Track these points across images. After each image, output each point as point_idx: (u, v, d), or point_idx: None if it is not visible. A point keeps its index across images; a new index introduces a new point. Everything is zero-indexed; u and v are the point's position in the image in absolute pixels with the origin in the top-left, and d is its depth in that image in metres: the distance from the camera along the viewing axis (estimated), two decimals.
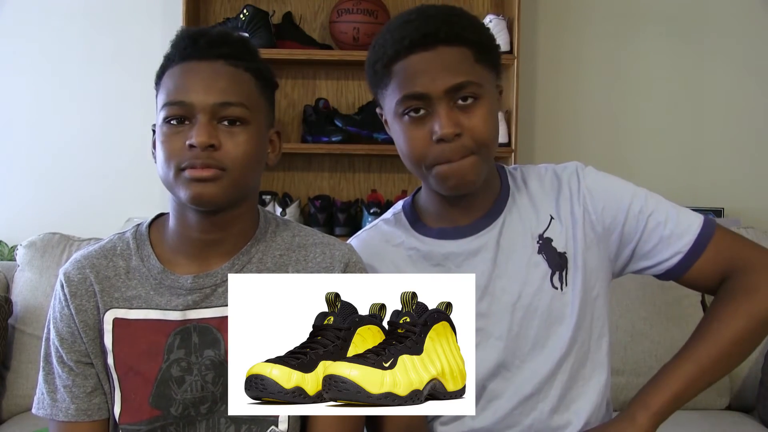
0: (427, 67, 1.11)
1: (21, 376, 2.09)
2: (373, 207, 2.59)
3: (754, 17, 2.86)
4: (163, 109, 1.06)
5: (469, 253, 1.20)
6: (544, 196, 1.24)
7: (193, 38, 1.08)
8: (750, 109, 2.88)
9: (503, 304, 1.19)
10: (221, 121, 1.05)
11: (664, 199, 1.25)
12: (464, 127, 1.11)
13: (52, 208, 2.70)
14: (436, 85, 1.10)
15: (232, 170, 1.04)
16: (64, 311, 1.11)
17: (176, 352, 1.09)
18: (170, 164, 1.04)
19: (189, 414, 1.09)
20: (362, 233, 1.31)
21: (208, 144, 1.02)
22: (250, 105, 1.07)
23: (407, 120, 1.14)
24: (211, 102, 1.04)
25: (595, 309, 1.21)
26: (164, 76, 1.09)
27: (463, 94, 1.11)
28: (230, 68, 1.07)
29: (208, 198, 1.04)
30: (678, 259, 1.19)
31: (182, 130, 1.04)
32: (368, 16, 2.57)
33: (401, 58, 1.12)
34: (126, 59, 2.69)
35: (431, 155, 1.13)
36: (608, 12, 2.83)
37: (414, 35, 1.11)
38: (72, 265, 1.13)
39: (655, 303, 2.21)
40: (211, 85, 1.05)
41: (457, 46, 1.12)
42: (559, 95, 2.84)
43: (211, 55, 1.07)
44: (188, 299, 1.09)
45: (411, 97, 1.12)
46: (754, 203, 2.87)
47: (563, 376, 1.19)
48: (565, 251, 1.20)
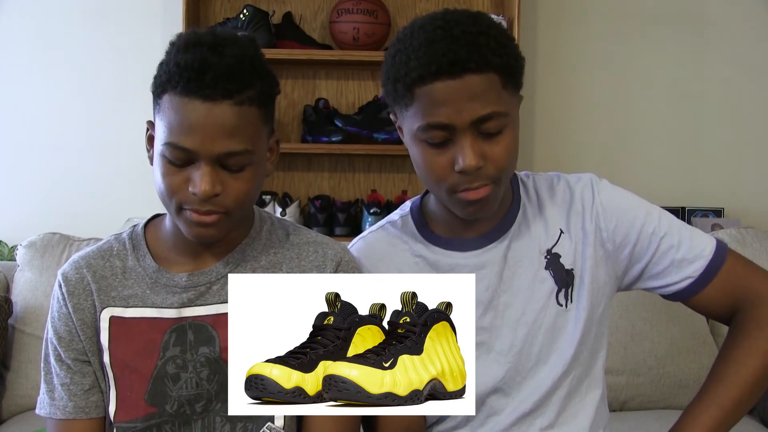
0: (453, 97, 1.05)
1: (21, 376, 2.09)
2: (373, 207, 2.59)
3: (754, 17, 2.86)
4: (163, 146, 1.02)
5: (475, 266, 1.18)
6: (555, 208, 1.21)
7: (198, 71, 1.00)
8: (750, 110, 2.88)
9: (506, 319, 1.17)
10: (224, 167, 1.02)
11: (677, 219, 1.21)
12: (487, 157, 1.07)
13: (52, 208, 2.70)
14: (462, 117, 1.05)
15: (234, 211, 1.05)
16: (62, 310, 1.13)
17: (172, 349, 1.10)
18: (171, 200, 1.04)
19: (184, 412, 1.10)
20: (368, 234, 1.28)
21: (211, 194, 1.01)
22: (254, 145, 1.04)
23: (428, 146, 1.09)
24: (216, 152, 1.00)
25: (599, 326, 1.20)
26: (164, 99, 1.02)
27: (489, 127, 1.07)
28: (236, 109, 1.01)
29: (209, 238, 1.06)
30: (688, 283, 1.17)
31: (184, 170, 1.02)
32: (368, 16, 2.57)
33: (426, 83, 1.05)
34: (126, 59, 2.69)
35: (451, 182, 1.08)
36: (608, 12, 2.83)
37: (441, 61, 1.04)
38: (70, 266, 1.15)
39: (655, 303, 2.21)
40: (216, 133, 1.00)
41: (485, 73, 1.05)
42: (558, 95, 2.84)
43: (216, 96, 1.00)
44: (183, 297, 1.10)
45: (435, 126, 1.06)
46: (754, 203, 2.87)
47: (561, 392, 1.18)
48: (572, 268, 1.18)
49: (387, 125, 2.61)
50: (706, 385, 1.14)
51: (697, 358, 2.17)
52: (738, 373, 1.12)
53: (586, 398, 1.20)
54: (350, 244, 1.28)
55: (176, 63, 1.01)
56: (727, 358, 1.15)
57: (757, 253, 2.24)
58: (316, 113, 2.64)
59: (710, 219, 2.78)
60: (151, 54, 2.69)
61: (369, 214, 2.57)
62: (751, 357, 1.12)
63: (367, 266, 1.22)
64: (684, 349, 2.18)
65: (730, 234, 2.32)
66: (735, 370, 1.12)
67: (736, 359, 1.13)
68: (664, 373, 2.15)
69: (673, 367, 2.16)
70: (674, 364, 2.16)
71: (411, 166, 1.18)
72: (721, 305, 1.18)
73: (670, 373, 2.15)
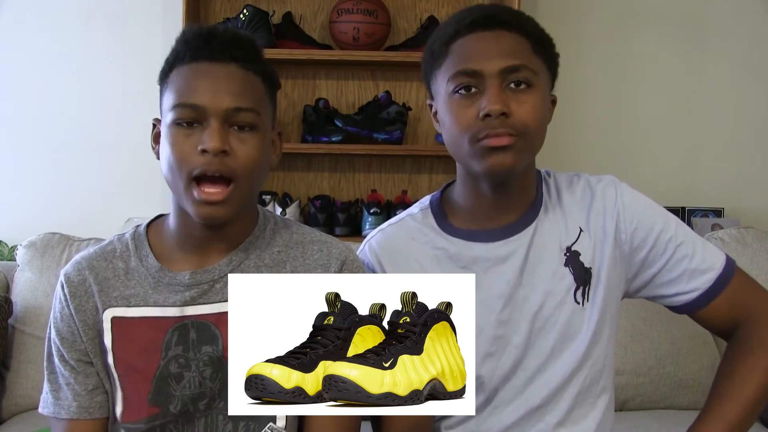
0: (485, 47, 1.11)
1: (21, 376, 2.09)
2: (373, 207, 2.59)
3: (754, 18, 2.86)
4: (172, 111, 1.05)
5: (497, 259, 1.18)
6: (575, 206, 1.22)
7: (205, 38, 1.07)
8: (750, 109, 2.88)
9: (524, 313, 1.18)
10: (232, 125, 1.05)
11: (691, 230, 1.23)
12: (512, 110, 1.10)
13: (52, 208, 2.70)
14: (491, 64, 1.10)
15: (242, 178, 1.05)
16: (65, 311, 1.13)
17: (174, 348, 1.09)
18: (181, 170, 1.04)
19: (188, 411, 1.10)
20: (387, 227, 1.28)
21: (220, 149, 1.02)
22: (260, 109, 1.07)
23: (457, 97, 1.12)
24: (225, 106, 1.03)
25: (611, 328, 1.21)
26: (172, 74, 1.07)
27: (517, 78, 1.11)
28: (242, 72, 1.06)
29: (216, 218, 1.06)
30: (696, 295, 1.18)
31: (193, 133, 1.04)
32: (368, 16, 2.57)
33: (461, 36, 1.13)
34: (126, 59, 2.69)
35: (475, 129, 1.10)
36: (608, 12, 2.83)
37: (477, 14, 1.13)
38: (72, 267, 1.15)
39: (655, 303, 2.21)
40: (225, 88, 1.04)
41: (518, 33, 1.13)
42: (558, 95, 2.82)
43: (223, 58, 1.06)
44: (186, 295, 1.10)
45: (464, 73, 1.11)
46: (754, 203, 2.87)
47: (573, 390, 1.18)
48: (591, 266, 1.19)
49: (387, 125, 2.61)
50: (711, 402, 1.15)
51: (697, 358, 2.17)
52: (743, 390, 1.13)
53: (598, 400, 1.20)
54: (368, 236, 1.29)
55: (184, 41, 1.08)
56: (731, 374, 1.15)
57: (757, 253, 2.24)
58: (316, 113, 2.64)
59: (710, 219, 2.77)
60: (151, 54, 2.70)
61: (369, 214, 2.57)
62: (755, 374, 1.13)
63: (387, 259, 1.22)
64: (684, 349, 2.18)
65: (730, 234, 2.32)
66: (740, 387, 1.13)
67: (740, 375, 1.14)
68: (664, 373, 2.15)
69: (673, 367, 2.15)
70: (674, 364, 2.16)
71: (411, 166, 1.19)
72: (724, 320, 1.19)
73: (670, 373, 2.15)
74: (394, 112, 2.62)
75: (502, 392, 1.19)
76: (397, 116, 2.62)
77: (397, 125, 2.62)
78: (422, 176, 2.79)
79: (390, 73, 2.75)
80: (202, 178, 1.03)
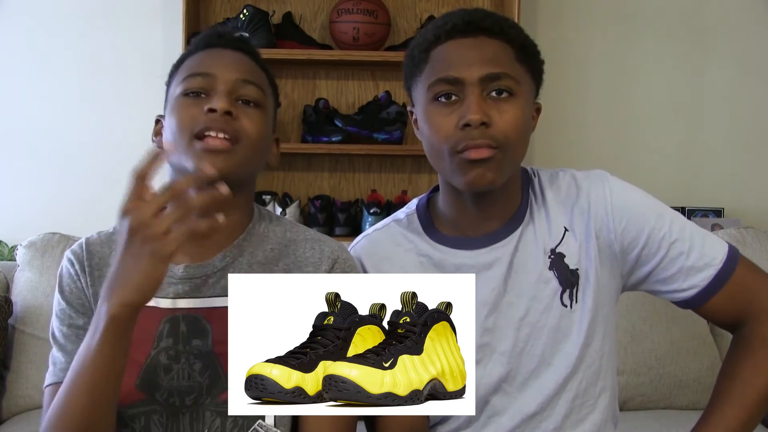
0: (466, 54, 1.09)
1: (21, 376, 2.09)
2: (373, 207, 2.59)
3: (755, 17, 2.86)
4: (182, 83, 1.10)
5: (482, 266, 1.16)
6: (559, 205, 1.18)
7: (219, 33, 1.16)
8: (750, 109, 2.88)
9: (509, 319, 1.16)
10: (238, 99, 1.10)
11: (690, 223, 1.18)
12: (493, 120, 1.07)
13: (52, 208, 2.70)
14: (471, 72, 1.07)
15: (245, 143, 1.08)
16: (77, 284, 1.12)
17: (165, 340, 1.10)
18: (183, 131, 1.07)
19: (173, 403, 1.09)
20: (373, 232, 1.27)
21: (227, 110, 1.06)
22: (265, 90, 1.14)
23: (437, 105, 1.10)
24: (234, 77, 1.10)
25: (606, 327, 1.18)
26: (182, 66, 1.14)
27: (498, 86, 1.08)
28: (250, 60, 1.14)
29: (223, 171, 1.03)
30: (694, 292, 1.15)
31: (200, 102, 1.08)
32: (368, 16, 2.57)
33: (441, 42, 1.11)
34: (126, 59, 2.69)
35: (455, 139, 1.08)
36: (608, 12, 2.84)
37: (457, 21, 1.11)
38: (77, 245, 1.16)
39: (655, 303, 2.21)
40: (234, 64, 1.11)
41: (499, 40, 1.10)
42: (558, 95, 2.83)
43: (235, 47, 1.14)
44: (179, 288, 1.11)
45: (444, 80, 1.09)
46: (754, 203, 2.87)
47: (569, 394, 1.15)
48: (577, 268, 1.16)
49: (387, 125, 2.61)
50: (713, 405, 1.13)
51: (697, 358, 2.17)
52: (745, 393, 1.11)
53: (598, 400, 1.18)
54: (354, 241, 1.28)
55: (194, 41, 1.17)
56: (733, 376, 1.13)
57: (757, 254, 2.24)
58: (316, 113, 2.64)
59: (710, 219, 2.78)
60: (151, 54, 2.69)
61: (369, 214, 2.57)
62: (758, 377, 1.11)
63: (371, 265, 1.21)
64: (684, 349, 2.18)
65: (730, 234, 2.32)
66: (742, 391, 1.11)
67: (742, 378, 1.12)
68: (664, 373, 2.15)
69: (673, 367, 2.16)
70: (674, 364, 2.16)
71: (411, 166, 1.19)
72: (726, 314, 1.16)
73: (670, 373, 2.15)
74: (394, 112, 2.62)
75: (494, 400, 1.17)
76: (397, 116, 2.62)
77: (397, 125, 2.62)
78: (422, 176, 2.79)
79: (390, 73, 2.75)
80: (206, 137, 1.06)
